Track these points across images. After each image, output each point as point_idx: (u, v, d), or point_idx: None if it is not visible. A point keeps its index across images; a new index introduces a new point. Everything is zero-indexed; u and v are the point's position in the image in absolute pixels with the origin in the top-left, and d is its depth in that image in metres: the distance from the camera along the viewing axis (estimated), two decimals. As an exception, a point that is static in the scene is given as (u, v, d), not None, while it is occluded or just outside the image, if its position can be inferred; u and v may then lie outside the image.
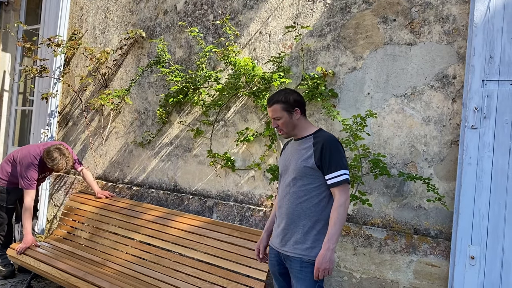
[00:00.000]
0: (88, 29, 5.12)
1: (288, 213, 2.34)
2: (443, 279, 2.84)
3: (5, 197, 4.08)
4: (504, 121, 2.63)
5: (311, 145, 2.31)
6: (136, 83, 4.59)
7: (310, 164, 2.28)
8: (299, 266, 2.28)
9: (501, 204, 2.61)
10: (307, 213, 2.29)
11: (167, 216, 3.73)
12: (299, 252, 2.28)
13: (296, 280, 2.29)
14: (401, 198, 3.07)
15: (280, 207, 2.41)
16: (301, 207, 2.31)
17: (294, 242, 2.30)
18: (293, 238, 2.31)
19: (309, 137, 2.37)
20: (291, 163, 2.38)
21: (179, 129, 4.26)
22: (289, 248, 2.32)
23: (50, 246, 3.99)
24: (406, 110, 3.07)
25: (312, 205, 2.30)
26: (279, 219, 2.42)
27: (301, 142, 2.38)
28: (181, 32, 4.28)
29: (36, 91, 5.23)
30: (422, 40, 3.04)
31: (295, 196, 2.32)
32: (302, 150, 2.35)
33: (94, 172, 4.91)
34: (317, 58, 3.45)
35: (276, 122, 2.37)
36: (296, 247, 2.29)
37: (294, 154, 2.39)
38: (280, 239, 2.37)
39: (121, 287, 3.11)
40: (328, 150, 2.26)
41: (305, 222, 2.29)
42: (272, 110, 2.36)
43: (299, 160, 2.33)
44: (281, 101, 2.34)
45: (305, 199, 2.30)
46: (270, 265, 2.50)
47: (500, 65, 2.65)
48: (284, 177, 2.42)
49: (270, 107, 2.37)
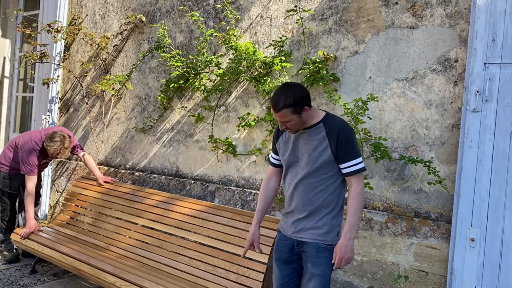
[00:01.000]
0: (88, 14, 5.08)
1: (305, 205, 2.29)
2: (443, 261, 2.87)
3: (8, 182, 4.10)
4: (506, 104, 2.63)
5: (325, 135, 2.22)
6: (137, 69, 4.58)
7: (327, 156, 2.21)
8: (315, 251, 2.27)
9: (501, 187, 2.63)
10: (324, 203, 2.26)
11: (170, 200, 3.75)
12: (315, 237, 2.27)
13: (311, 264, 2.28)
14: (402, 181, 3.08)
15: (292, 200, 2.34)
16: (318, 197, 2.27)
17: (310, 228, 2.28)
18: (309, 225, 2.29)
19: (319, 125, 2.26)
20: (302, 154, 2.28)
21: (180, 115, 4.26)
22: (304, 234, 2.30)
23: (53, 231, 4.03)
24: (408, 94, 3.07)
25: (328, 194, 2.26)
26: (292, 212, 2.35)
27: (311, 132, 2.26)
28: (182, 16, 4.26)
29: (37, 77, 5.22)
30: (424, 23, 3.02)
31: (310, 187, 2.27)
32: (313, 141, 2.25)
33: (96, 158, 4.93)
34: (319, 42, 3.44)
35: (284, 124, 2.22)
36: (312, 232, 2.28)
37: (304, 145, 2.28)
38: (295, 227, 2.33)
39: (124, 270, 3.15)
40: (344, 139, 2.19)
41: (322, 209, 2.27)
42: (281, 115, 2.18)
43: (313, 152, 2.24)
44: (290, 105, 2.15)
45: (321, 189, 2.26)
46: (278, 251, 2.44)
47: (503, 48, 2.64)
48: (293, 168, 2.33)
49: (278, 112, 2.18)
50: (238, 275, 3.02)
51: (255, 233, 2.49)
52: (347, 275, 3.21)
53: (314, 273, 2.27)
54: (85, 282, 3.82)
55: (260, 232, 2.52)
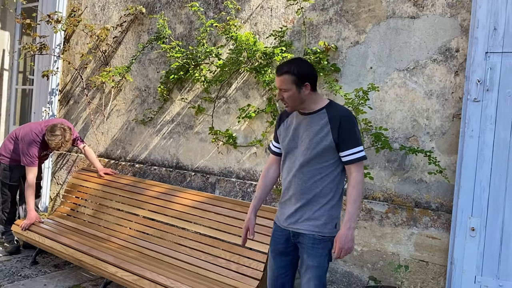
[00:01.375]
0: (87, 6, 5.06)
1: (302, 193, 2.25)
2: (444, 251, 2.88)
3: (8, 174, 4.10)
4: (507, 93, 2.62)
5: (327, 122, 2.17)
6: (137, 60, 4.56)
7: (329, 142, 2.17)
8: (311, 243, 2.23)
9: (502, 176, 2.63)
10: (322, 191, 2.23)
11: (170, 192, 3.76)
12: (312, 229, 2.23)
13: (307, 256, 2.25)
14: (402, 172, 3.08)
15: (290, 187, 2.30)
16: (316, 185, 2.23)
17: (308, 219, 2.24)
18: (306, 215, 2.25)
19: (322, 111, 2.21)
20: (302, 140, 2.24)
21: (180, 106, 4.25)
22: (301, 225, 2.26)
23: (54, 223, 4.03)
24: (409, 84, 3.07)
25: (327, 182, 2.22)
26: (290, 199, 2.31)
27: (313, 118, 2.22)
28: (182, 7, 4.24)
29: (36, 69, 5.21)
30: (425, 13, 3.01)
31: (309, 174, 2.23)
32: (315, 126, 2.20)
33: (96, 150, 4.92)
34: (320, 33, 3.43)
35: (282, 94, 2.19)
36: (309, 223, 2.24)
37: (306, 130, 2.23)
38: (291, 218, 2.29)
39: (125, 261, 3.15)
40: (346, 126, 2.16)
41: (320, 199, 2.23)
42: (281, 80, 2.16)
43: (314, 137, 2.19)
44: (292, 72, 2.13)
45: (320, 177, 2.22)
46: (274, 242, 2.41)
47: (504, 37, 2.63)
48: (292, 154, 2.30)
49: (279, 76, 2.16)
50: (238, 265, 3.03)
51: (251, 218, 2.45)
52: (347, 265, 3.22)
53: (310, 264, 2.24)
54: (86, 273, 3.83)
55: (256, 219, 2.49)
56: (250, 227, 2.43)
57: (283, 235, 2.37)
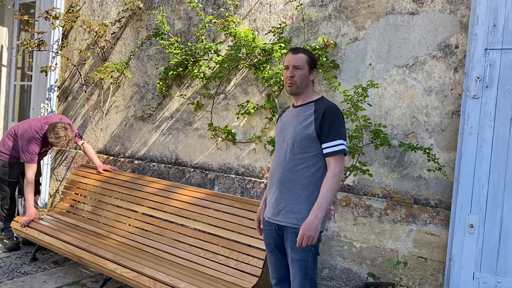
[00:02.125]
0: (85, 1, 5.04)
1: (283, 181, 2.28)
2: (442, 248, 2.88)
3: (7, 171, 4.10)
4: (506, 90, 2.62)
5: (312, 112, 2.26)
6: (135, 57, 4.55)
7: (310, 131, 2.23)
8: (294, 237, 2.24)
9: (501, 173, 2.63)
10: (303, 182, 2.25)
11: (169, 188, 3.76)
12: (294, 222, 2.24)
13: (291, 250, 2.28)
14: (401, 168, 3.08)
15: (273, 175, 2.35)
16: (297, 175, 2.25)
17: (288, 212, 2.26)
18: (287, 208, 2.27)
19: (310, 104, 2.31)
20: (288, 129, 2.32)
21: (179, 103, 4.24)
22: (282, 218, 2.28)
23: (53, 219, 4.04)
24: (408, 81, 3.06)
25: (309, 174, 2.25)
26: (272, 187, 2.36)
27: (302, 109, 2.32)
28: (180, 3, 4.22)
29: (35, 66, 5.19)
30: (425, 9, 2.99)
31: (292, 164, 2.27)
32: (301, 117, 2.29)
33: (95, 146, 4.92)
34: (319, 29, 3.41)
35: (293, 71, 2.26)
36: (290, 216, 2.25)
37: (292, 120, 2.33)
38: (273, 209, 2.32)
39: (124, 257, 3.16)
40: (329, 119, 2.20)
41: (301, 191, 2.25)
42: (297, 57, 2.27)
43: (298, 126, 2.27)
44: (308, 54, 2.29)
45: (302, 167, 2.25)
46: (266, 237, 2.44)
47: (504, 34, 2.62)
48: (280, 144, 2.37)
49: (296, 54, 2.27)
50: (238, 262, 3.04)
51: (261, 210, 2.54)
52: (346, 262, 3.22)
53: (294, 258, 2.27)
54: (86, 269, 3.84)
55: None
56: (261, 218, 2.53)
57: (271, 229, 2.40)
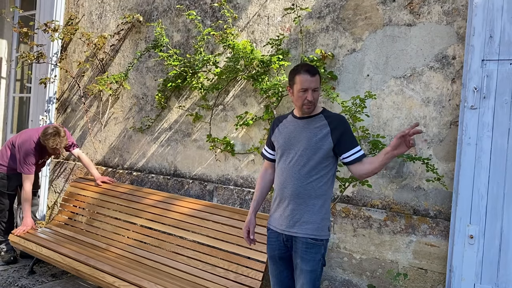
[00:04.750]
0: (84, 14, 5.07)
1: (298, 193, 2.29)
2: (442, 259, 2.87)
3: (5, 183, 4.09)
4: (504, 101, 2.63)
5: (326, 124, 2.29)
6: (134, 68, 4.57)
7: (327, 143, 2.26)
8: (304, 247, 2.27)
9: (500, 184, 2.62)
10: (317, 192, 2.28)
11: (168, 200, 3.75)
12: (309, 233, 2.27)
13: (301, 260, 2.29)
14: (400, 179, 3.08)
15: (285, 187, 2.33)
16: (312, 186, 2.28)
17: (304, 223, 2.28)
18: (303, 219, 2.29)
19: (319, 116, 2.33)
20: (299, 141, 2.32)
21: (178, 114, 4.25)
22: (298, 229, 2.29)
23: (51, 232, 4.01)
24: (406, 92, 3.07)
25: (322, 183, 2.29)
26: (284, 200, 2.35)
27: (310, 121, 2.33)
28: (179, 15, 4.25)
29: (34, 78, 5.20)
30: (422, 20, 3.02)
31: (307, 175, 2.28)
32: (312, 128, 2.30)
33: (94, 158, 4.91)
34: (316, 40, 3.43)
35: (313, 94, 2.27)
36: (306, 227, 2.28)
37: (302, 132, 2.32)
38: (288, 221, 2.32)
39: (123, 270, 3.14)
40: (346, 129, 2.28)
41: (315, 201, 2.28)
42: (316, 80, 2.27)
43: (313, 138, 2.28)
44: (319, 72, 2.30)
45: (316, 178, 2.28)
46: (270, 249, 2.44)
47: (500, 45, 2.64)
48: (288, 155, 2.35)
49: (315, 76, 2.26)
50: (237, 274, 3.02)
51: (251, 220, 2.53)
52: (346, 273, 3.21)
53: (304, 269, 2.28)
54: (84, 282, 3.81)
55: (256, 221, 2.56)
56: (251, 228, 2.52)
57: (278, 240, 2.40)
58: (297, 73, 2.28)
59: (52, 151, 3.98)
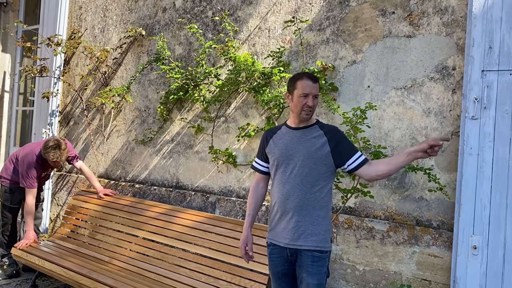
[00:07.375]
0: (87, 28, 5.12)
1: (303, 204, 2.27)
2: (446, 270, 2.85)
3: (9, 196, 4.10)
4: (504, 111, 2.63)
5: (322, 134, 2.31)
6: (136, 81, 4.60)
7: (325, 152, 2.28)
8: (310, 261, 2.25)
9: (502, 194, 2.62)
10: (320, 203, 2.29)
11: (170, 212, 3.74)
12: (315, 244, 2.26)
13: (307, 274, 2.26)
14: (402, 190, 3.08)
15: (287, 199, 2.29)
16: (315, 196, 2.28)
17: (309, 235, 2.26)
18: (308, 231, 2.27)
19: (314, 126, 2.36)
20: (297, 151, 2.30)
21: (180, 126, 4.27)
22: (303, 242, 2.26)
23: (54, 245, 4.01)
24: (406, 102, 3.08)
25: (324, 194, 2.30)
26: (287, 212, 2.30)
27: (307, 131, 2.34)
28: (180, 29, 4.29)
29: (37, 91, 5.25)
30: (421, 32, 3.04)
31: (309, 186, 2.27)
32: (311, 139, 2.31)
33: (96, 170, 4.92)
34: (317, 52, 3.46)
35: (314, 101, 2.30)
36: (311, 239, 2.26)
37: (300, 142, 2.32)
38: (293, 234, 2.28)
39: (125, 283, 3.13)
40: (341, 138, 2.32)
41: (318, 212, 2.28)
42: (317, 87, 2.31)
43: (311, 148, 2.28)
44: (319, 83, 2.39)
45: (318, 188, 2.28)
46: (272, 265, 2.40)
47: (500, 55, 2.66)
48: (287, 166, 2.32)
49: (315, 83, 2.31)
50: (240, 287, 3.00)
51: (248, 235, 2.50)
52: (349, 285, 3.19)
53: (310, 283, 2.25)
54: (86, 296, 3.79)
55: (252, 236, 2.55)
56: (248, 244, 2.49)
57: (281, 256, 2.36)
58: (299, 79, 2.31)
59: (53, 164, 4.00)
